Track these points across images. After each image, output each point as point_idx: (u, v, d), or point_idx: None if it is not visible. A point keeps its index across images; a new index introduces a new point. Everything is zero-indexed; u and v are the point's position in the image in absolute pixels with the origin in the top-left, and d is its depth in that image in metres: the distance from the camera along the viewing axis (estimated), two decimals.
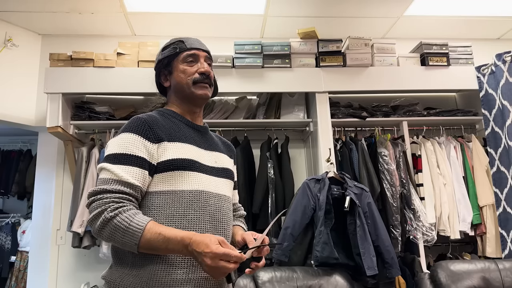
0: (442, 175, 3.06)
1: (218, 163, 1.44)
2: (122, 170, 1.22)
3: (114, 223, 1.15)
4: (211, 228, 1.29)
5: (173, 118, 1.41)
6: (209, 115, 3.21)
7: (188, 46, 1.44)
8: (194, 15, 3.26)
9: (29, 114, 3.28)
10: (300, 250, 2.65)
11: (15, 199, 4.89)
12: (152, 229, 1.15)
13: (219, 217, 1.32)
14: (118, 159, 1.24)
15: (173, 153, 1.29)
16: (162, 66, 1.46)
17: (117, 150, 1.26)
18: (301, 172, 3.41)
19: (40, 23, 3.33)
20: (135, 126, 1.29)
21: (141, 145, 1.26)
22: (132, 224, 1.14)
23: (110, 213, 1.15)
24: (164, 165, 1.27)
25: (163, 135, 1.31)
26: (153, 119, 1.33)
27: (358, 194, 2.64)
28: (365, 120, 3.18)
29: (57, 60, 3.02)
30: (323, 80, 3.11)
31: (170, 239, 1.14)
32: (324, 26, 3.37)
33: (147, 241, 1.14)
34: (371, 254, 2.50)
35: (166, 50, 1.46)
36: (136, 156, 1.24)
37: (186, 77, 1.40)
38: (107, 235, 1.16)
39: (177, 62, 1.43)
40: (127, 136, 1.28)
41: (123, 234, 1.14)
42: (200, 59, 1.44)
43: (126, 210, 1.17)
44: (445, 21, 3.51)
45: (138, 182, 1.23)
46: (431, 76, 3.21)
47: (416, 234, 2.87)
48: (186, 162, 1.30)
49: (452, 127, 3.37)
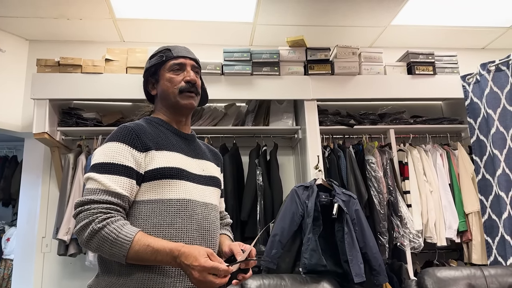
0: (428, 183, 3.09)
1: (205, 171, 1.43)
2: (110, 180, 1.20)
3: (102, 234, 1.13)
4: (198, 237, 1.28)
5: (160, 127, 1.40)
6: (198, 121, 3.20)
7: (175, 54, 1.43)
8: (183, 22, 3.27)
9: (15, 119, 3.24)
10: (289, 258, 2.65)
11: (0, 206, 4.81)
12: (140, 240, 1.14)
13: (206, 226, 1.32)
14: (105, 169, 1.22)
15: (160, 161, 1.28)
16: (150, 74, 1.46)
17: (104, 160, 1.24)
18: (289, 179, 3.41)
19: (28, 28, 3.30)
20: (122, 135, 1.28)
21: (128, 154, 1.25)
22: (120, 235, 1.13)
23: (98, 224, 1.14)
24: (151, 174, 1.26)
25: (150, 143, 1.30)
26: (140, 127, 1.32)
27: (346, 201, 2.66)
28: (353, 128, 3.20)
29: (45, 66, 3.00)
30: (312, 87, 3.13)
31: (158, 251, 1.13)
32: (312, 35, 3.40)
33: (135, 253, 1.13)
34: (358, 261, 2.51)
35: (153, 59, 1.46)
36: (124, 166, 1.23)
37: (172, 86, 1.40)
38: (94, 246, 1.15)
39: (164, 70, 1.43)
40: (114, 145, 1.26)
41: (111, 246, 1.13)
42: (187, 68, 1.43)
43: (114, 221, 1.16)
44: (431, 30, 3.57)
45: (125, 192, 1.22)
46: (418, 85, 3.26)
47: (403, 241, 2.89)
48: (174, 171, 1.29)
49: (438, 135, 3.42)
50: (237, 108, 3.40)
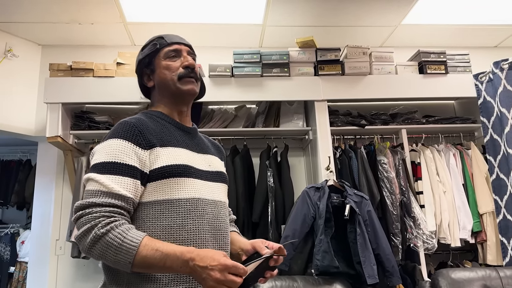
0: (441, 183, 3.06)
1: (212, 166, 1.36)
2: (112, 181, 1.12)
3: (106, 240, 1.05)
4: (210, 237, 1.21)
5: (162, 120, 1.32)
6: (208, 123, 3.22)
7: (169, 41, 1.36)
8: (193, 25, 3.28)
9: (29, 124, 3.29)
10: (300, 259, 2.64)
11: (14, 209, 4.87)
12: (148, 245, 1.06)
13: (217, 225, 1.25)
14: (106, 169, 1.13)
15: (166, 159, 1.20)
16: (144, 65, 1.38)
17: (105, 159, 1.15)
18: (300, 180, 3.41)
19: (40, 33, 3.35)
20: (124, 131, 1.19)
21: (131, 152, 1.16)
22: (126, 240, 1.05)
23: (101, 229, 1.05)
24: (157, 173, 1.18)
25: (154, 140, 1.22)
26: (142, 123, 1.23)
27: (358, 202, 2.64)
28: (364, 128, 3.18)
29: (57, 70, 3.03)
30: (322, 88, 3.12)
31: (168, 255, 1.05)
32: (322, 36, 3.40)
33: (142, 258, 1.04)
34: (371, 262, 2.50)
35: (146, 49, 1.38)
36: (127, 165, 1.14)
37: (170, 73, 1.32)
38: (98, 253, 1.07)
39: (159, 59, 1.35)
40: (115, 142, 1.17)
41: (115, 252, 1.05)
42: (183, 53, 1.36)
43: (119, 226, 1.07)
44: (442, 29, 3.54)
45: (130, 193, 1.13)
46: (429, 84, 3.23)
47: (416, 242, 2.86)
48: (181, 168, 1.21)
49: (451, 134, 3.38)
50: (247, 109, 3.40)
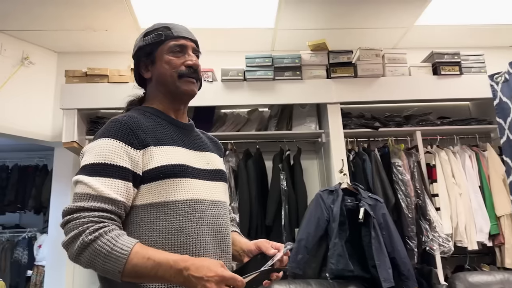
0: (457, 185, 3.01)
1: (210, 164, 1.28)
2: (102, 184, 1.05)
3: (94, 247, 0.98)
4: (210, 240, 1.15)
5: (156, 117, 1.24)
6: (221, 127, 3.23)
7: (175, 34, 1.28)
8: (205, 30, 3.30)
9: (45, 129, 3.35)
10: (315, 263, 2.63)
11: (32, 213, 4.94)
12: (139, 253, 0.99)
13: (217, 227, 1.18)
14: (96, 170, 1.06)
15: (161, 159, 1.13)
16: (144, 54, 1.28)
17: (94, 160, 1.08)
18: (314, 183, 3.39)
19: (56, 41, 3.41)
20: (115, 130, 1.12)
21: (123, 152, 1.09)
22: (115, 248, 0.98)
23: (89, 236, 0.98)
24: (152, 174, 1.11)
25: (148, 139, 1.14)
26: (135, 120, 1.16)
27: (372, 205, 2.62)
28: (378, 131, 3.16)
29: (73, 77, 3.09)
30: (335, 91, 3.12)
31: (160, 264, 0.98)
32: (334, 38, 3.39)
33: (133, 267, 0.97)
34: (387, 266, 2.47)
35: (149, 37, 1.28)
36: (118, 166, 1.07)
37: (171, 69, 1.24)
38: (85, 261, 0.99)
39: (162, 51, 1.26)
40: (105, 142, 1.10)
41: (104, 260, 0.97)
42: (188, 50, 1.28)
43: (108, 232, 1.00)
44: (456, 30, 3.50)
45: (121, 196, 1.06)
46: (444, 85, 3.19)
47: (432, 245, 2.83)
48: (177, 168, 1.14)
49: (466, 136, 3.34)
50: (259, 113, 3.41)
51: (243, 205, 2.91)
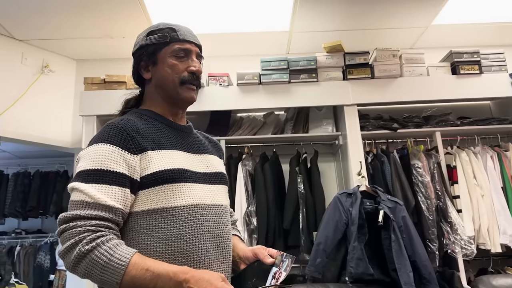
0: (479, 186, 2.95)
1: (210, 167, 1.26)
2: (98, 191, 1.02)
3: (92, 258, 0.96)
4: (211, 246, 1.12)
5: (153, 120, 1.22)
6: (237, 131, 3.24)
7: (181, 37, 1.23)
8: (221, 35, 3.32)
9: (65, 136, 3.41)
10: (334, 266, 2.61)
11: (53, 219, 5.03)
12: (137, 264, 0.96)
13: (218, 232, 1.16)
14: (92, 177, 1.03)
15: (159, 163, 1.10)
16: (146, 54, 1.24)
17: (90, 166, 1.05)
18: (331, 186, 3.37)
19: (75, 49, 3.48)
20: (111, 135, 1.09)
21: (119, 158, 1.06)
22: (113, 258, 0.96)
23: (86, 246, 0.96)
24: (150, 179, 1.08)
25: (145, 143, 1.11)
26: (132, 124, 1.13)
27: (392, 208, 2.59)
28: (397, 132, 3.12)
29: (91, 84, 3.14)
30: (351, 92, 3.09)
31: (160, 276, 0.96)
32: (350, 39, 3.37)
33: (131, 279, 0.95)
34: (407, 269, 2.43)
35: (154, 36, 1.24)
36: (114, 172, 1.04)
37: (173, 74, 1.21)
38: (82, 272, 0.97)
39: (165, 53, 1.22)
40: (101, 147, 1.07)
41: (102, 271, 0.95)
42: (192, 56, 1.25)
43: (106, 242, 0.98)
44: (475, 28, 3.44)
45: (118, 203, 1.03)
46: (463, 85, 3.14)
47: (454, 248, 2.77)
48: (176, 173, 1.11)
49: (487, 136, 3.26)
50: (275, 116, 3.41)
51: (260, 208, 2.90)
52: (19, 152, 5.30)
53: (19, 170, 5.04)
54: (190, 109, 1.36)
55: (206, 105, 3.07)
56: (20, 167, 5.15)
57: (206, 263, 1.10)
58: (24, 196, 4.81)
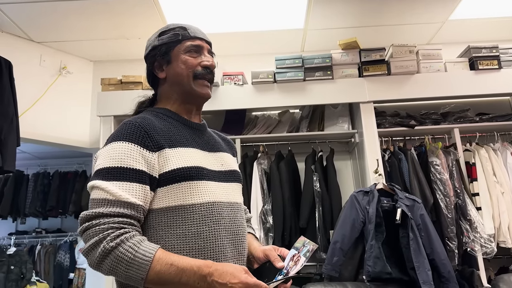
0: (499, 183, 2.90)
1: (225, 165, 1.27)
2: (119, 188, 1.02)
3: (116, 254, 0.97)
4: (228, 244, 1.13)
5: (169, 118, 1.23)
6: (252, 130, 3.24)
7: (192, 34, 1.26)
8: (235, 34, 3.33)
9: (83, 136, 3.47)
10: (351, 265, 2.59)
11: (73, 218, 5.10)
12: (162, 259, 0.98)
13: (234, 230, 1.16)
14: (112, 175, 1.04)
15: (176, 161, 1.11)
16: (159, 54, 1.27)
17: (110, 163, 1.05)
18: (348, 184, 3.35)
19: (92, 50, 3.53)
20: (129, 133, 1.10)
21: (138, 155, 1.07)
22: (138, 254, 0.97)
23: (110, 243, 0.97)
24: (168, 177, 1.09)
25: (162, 141, 1.12)
26: (149, 122, 1.14)
27: (409, 206, 2.56)
28: (414, 129, 3.08)
29: (108, 85, 3.18)
30: (367, 89, 3.07)
31: (184, 270, 0.98)
32: (365, 36, 3.34)
33: (156, 274, 0.97)
34: (426, 268, 2.40)
35: (165, 36, 1.27)
36: (134, 169, 1.05)
37: (187, 69, 1.23)
38: (107, 268, 0.98)
39: (178, 51, 1.25)
40: (120, 145, 1.08)
41: (127, 267, 0.96)
42: (204, 51, 1.27)
43: (130, 238, 0.99)
44: (494, 22, 3.37)
45: (139, 200, 1.04)
46: (482, 80, 3.08)
47: (473, 246, 2.73)
48: (193, 171, 1.12)
49: (507, 132, 3.20)
50: (291, 114, 3.40)
51: (276, 207, 2.90)
52: (38, 153, 5.40)
53: (38, 170, 5.13)
54: (205, 108, 1.38)
55: (221, 104, 3.09)
56: (40, 168, 5.24)
57: (223, 261, 1.10)
58: (44, 196, 4.89)
